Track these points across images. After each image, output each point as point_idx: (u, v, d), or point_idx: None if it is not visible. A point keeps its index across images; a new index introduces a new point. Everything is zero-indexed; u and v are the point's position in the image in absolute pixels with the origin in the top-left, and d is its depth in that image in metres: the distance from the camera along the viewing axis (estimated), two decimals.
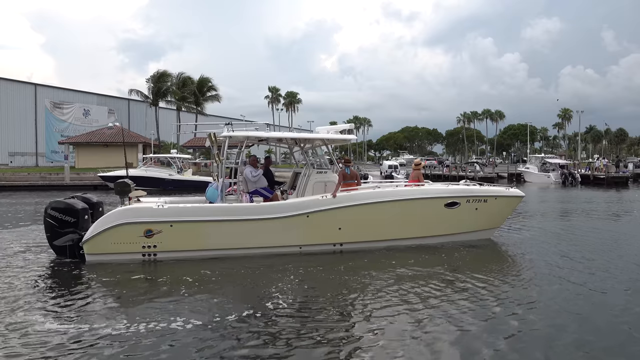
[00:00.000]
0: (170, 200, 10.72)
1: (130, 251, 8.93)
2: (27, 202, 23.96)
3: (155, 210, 9.05)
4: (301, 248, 9.85)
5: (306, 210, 9.71)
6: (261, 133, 10.60)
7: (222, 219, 9.32)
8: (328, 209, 9.81)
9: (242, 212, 9.47)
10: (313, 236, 9.86)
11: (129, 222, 8.85)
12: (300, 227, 9.71)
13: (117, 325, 5.76)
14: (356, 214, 10.04)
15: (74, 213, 9.22)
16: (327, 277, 8.29)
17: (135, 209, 9.17)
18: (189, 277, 8.03)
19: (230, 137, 10.14)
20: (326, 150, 11.44)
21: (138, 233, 8.90)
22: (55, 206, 9.26)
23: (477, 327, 5.84)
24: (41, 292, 7.28)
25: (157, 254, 9.06)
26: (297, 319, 6.12)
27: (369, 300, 6.92)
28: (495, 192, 11.65)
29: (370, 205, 10.15)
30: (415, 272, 8.51)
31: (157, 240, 8.98)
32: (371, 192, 10.40)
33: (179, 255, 9.15)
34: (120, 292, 7.31)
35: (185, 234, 9.13)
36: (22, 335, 5.47)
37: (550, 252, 10.46)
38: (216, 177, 10.91)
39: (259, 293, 7.32)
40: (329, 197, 9.91)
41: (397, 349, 5.21)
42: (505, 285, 7.77)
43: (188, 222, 9.14)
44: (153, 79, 58.55)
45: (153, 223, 8.95)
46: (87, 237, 8.84)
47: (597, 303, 6.83)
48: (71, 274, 8.26)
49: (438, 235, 10.94)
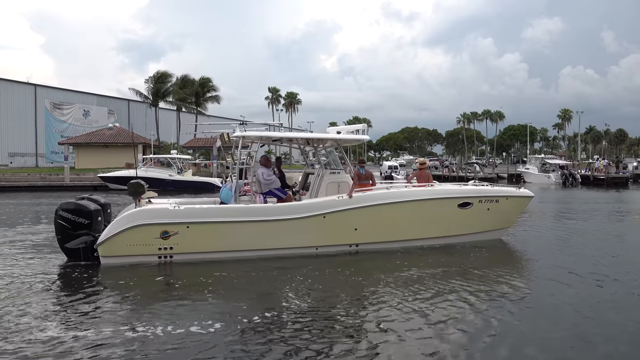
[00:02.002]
0: (180, 201, 10.61)
1: (146, 253, 8.81)
2: (28, 202, 23.78)
3: (172, 211, 8.93)
4: (317, 249, 9.76)
5: (323, 210, 9.63)
6: (275, 133, 10.54)
7: (239, 220, 9.22)
8: (344, 209, 9.74)
9: (259, 213, 9.37)
10: (329, 237, 9.78)
11: (145, 224, 8.71)
12: (316, 227, 9.62)
13: (136, 328, 5.68)
14: (372, 214, 9.97)
15: (87, 214, 8.99)
16: (343, 278, 8.20)
17: (152, 210, 9.04)
18: (205, 279, 7.94)
19: (244, 137, 10.06)
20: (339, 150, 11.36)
21: (154, 235, 8.77)
22: (67, 207, 8.99)
23: (503, 330, 5.77)
24: (56, 295, 7.15)
25: (174, 256, 8.94)
26: (313, 321, 6.03)
27: (385, 302, 6.81)
28: (507, 193, 11.70)
29: (386, 206, 10.09)
30: (431, 273, 8.44)
31: (173, 242, 8.86)
32: (387, 193, 10.33)
33: (195, 257, 9.03)
34: (136, 295, 7.21)
35: (201, 236, 9.01)
36: (39, 341, 5.34)
37: (563, 254, 10.43)
38: (226, 178, 10.84)
39: (276, 295, 7.24)
40: (345, 198, 9.83)
41: (413, 352, 5.14)
42: (523, 287, 7.70)
43: (205, 224, 9.02)
44: (153, 80, 58.42)
45: (170, 224, 8.81)
46: (102, 239, 8.67)
47: (619, 307, 6.74)
48: (86, 277, 8.11)
49: (451, 236, 10.92)
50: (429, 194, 10.64)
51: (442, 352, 5.11)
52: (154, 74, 59.26)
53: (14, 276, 8.07)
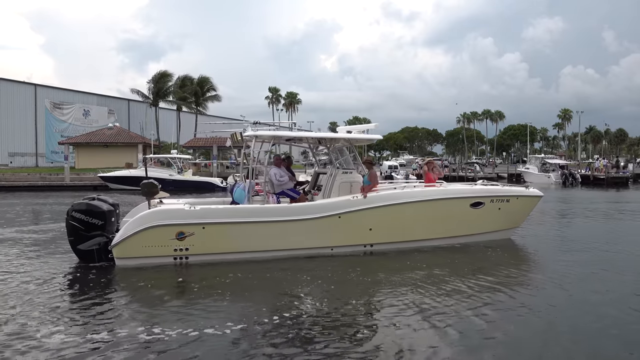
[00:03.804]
0: (193, 201, 10.53)
1: (162, 254, 8.69)
2: (29, 202, 23.51)
3: (188, 212, 8.83)
4: (332, 249, 9.70)
5: (338, 211, 9.56)
6: (288, 133, 10.49)
7: (256, 220, 9.13)
8: (360, 209, 9.67)
9: (276, 213, 9.29)
10: (345, 237, 9.71)
11: (160, 225, 8.59)
12: (332, 228, 9.56)
13: (152, 330, 5.63)
14: (387, 214, 9.93)
15: (100, 215, 8.85)
16: (360, 279, 8.10)
17: (167, 210, 8.93)
18: (222, 281, 7.86)
19: (257, 137, 10.00)
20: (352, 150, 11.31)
21: (170, 236, 8.66)
22: (79, 208, 8.82)
23: (523, 332, 5.73)
24: (71, 297, 7.06)
25: (189, 257, 8.84)
26: (329, 323, 5.96)
27: (401, 304, 6.71)
28: (517, 192, 11.73)
29: (401, 206, 10.04)
30: (447, 274, 8.39)
31: (189, 243, 8.76)
32: (401, 193, 10.30)
33: (211, 258, 8.92)
34: (152, 297, 7.12)
35: (217, 236, 8.92)
36: (54, 343, 5.27)
37: (575, 254, 10.40)
38: (238, 178, 10.77)
39: (292, 297, 7.15)
40: (360, 198, 9.77)
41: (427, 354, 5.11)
42: (544, 288, 7.65)
43: (221, 224, 8.92)
44: (153, 80, 58.26)
45: (185, 225, 8.71)
46: (116, 240, 8.53)
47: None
48: (101, 279, 8.00)
49: (463, 235, 10.91)
50: (442, 193, 10.61)
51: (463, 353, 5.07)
52: (155, 74, 59.15)
53: (27, 277, 7.98)
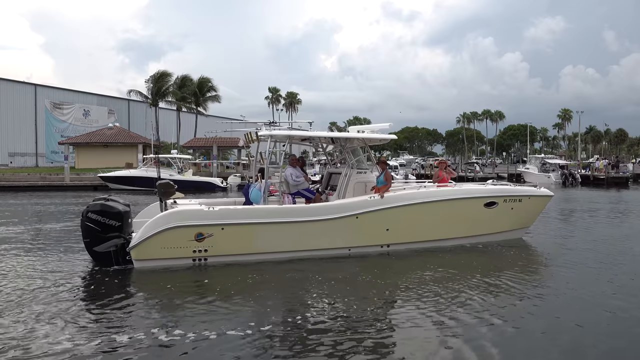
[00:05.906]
0: (208, 202, 10.46)
1: (181, 256, 8.58)
2: (29, 202, 23.40)
3: (207, 212, 8.73)
4: (350, 250, 9.65)
5: (356, 211, 9.50)
6: (303, 132, 10.44)
7: (275, 221, 9.04)
8: (377, 209, 9.62)
9: (295, 214, 9.21)
10: (362, 237, 9.67)
11: (179, 226, 8.47)
12: (349, 228, 9.50)
13: (172, 332, 5.59)
14: (403, 214, 9.89)
15: (117, 216, 8.67)
16: (379, 280, 8.01)
17: (186, 211, 8.80)
18: (241, 282, 7.79)
19: (272, 136, 9.95)
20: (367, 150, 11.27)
21: (189, 237, 8.55)
22: (96, 209, 8.61)
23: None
24: (90, 299, 6.96)
25: (208, 259, 8.76)
26: (345, 326, 5.90)
27: (421, 306, 6.67)
28: (529, 192, 11.79)
29: (417, 206, 10.02)
30: (466, 273, 8.38)
31: (208, 244, 8.66)
32: (418, 193, 10.27)
33: (230, 259, 8.84)
34: (171, 298, 7.04)
35: (236, 237, 8.83)
36: (73, 346, 5.21)
37: (590, 255, 10.37)
38: (251, 178, 10.71)
39: (311, 298, 7.11)
40: (377, 198, 9.72)
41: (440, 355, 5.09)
42: (558, 289, 7.61)
43: (240, 225, 8.83)
44: (153, 79, 58.05)
45: (204, 226, 8.60)
46: (134, 242, 8.39)
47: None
48: (119, 281, 7.88)
49: (477, 235, 10.93)
50: (458, 193, 10.61)
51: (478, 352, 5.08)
52: (154, 73, 58.93)
53: (45, 280, 7.87)
